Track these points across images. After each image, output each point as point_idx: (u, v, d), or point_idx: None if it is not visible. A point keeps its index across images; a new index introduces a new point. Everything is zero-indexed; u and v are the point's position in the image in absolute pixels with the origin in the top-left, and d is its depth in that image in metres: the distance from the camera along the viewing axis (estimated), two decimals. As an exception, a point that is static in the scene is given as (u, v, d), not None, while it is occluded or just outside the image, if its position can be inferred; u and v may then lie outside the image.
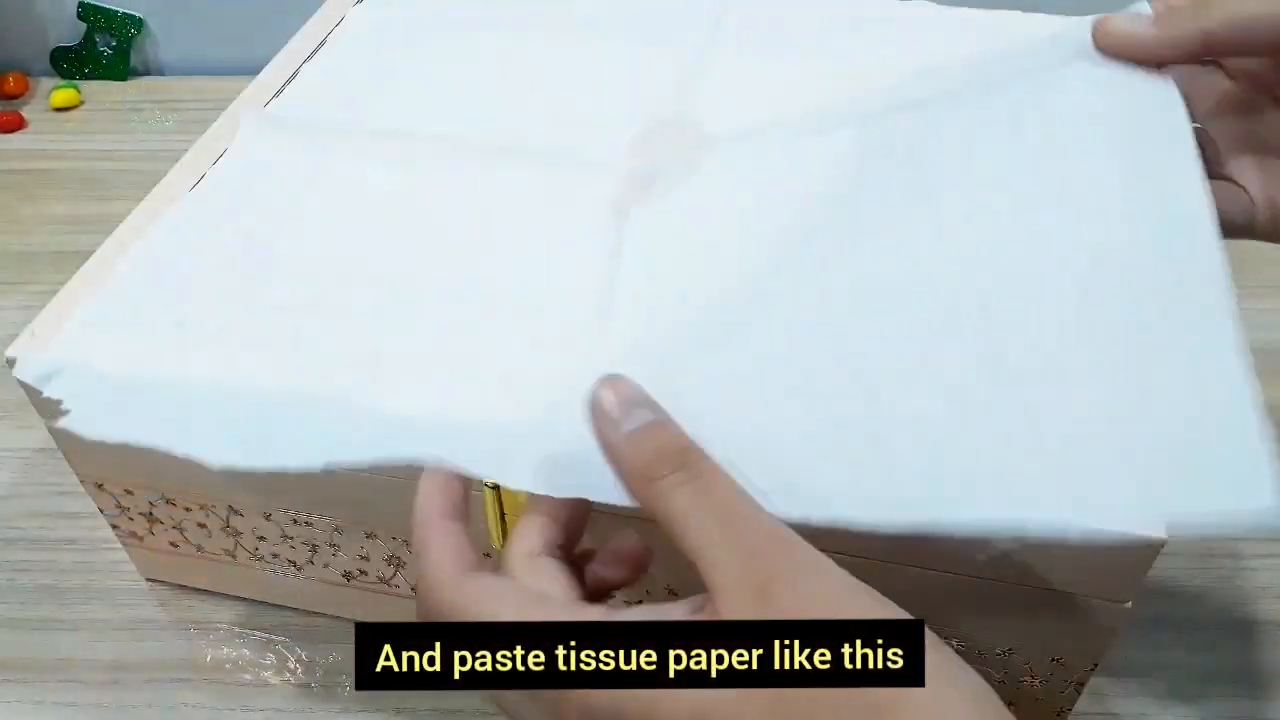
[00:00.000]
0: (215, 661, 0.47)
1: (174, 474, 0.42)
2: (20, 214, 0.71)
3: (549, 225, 0.43)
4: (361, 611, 0.47)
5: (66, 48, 0.83)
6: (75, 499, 0.49)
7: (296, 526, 0.43)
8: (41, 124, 0.79)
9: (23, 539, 0.52)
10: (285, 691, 0.46)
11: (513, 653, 0.26)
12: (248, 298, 0.41)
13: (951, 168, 0.41)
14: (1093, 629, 0.36)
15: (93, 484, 0.44)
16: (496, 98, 0.50)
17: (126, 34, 0.82)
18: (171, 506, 0.44)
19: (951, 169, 0.41)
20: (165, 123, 0.79)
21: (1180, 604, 0.48)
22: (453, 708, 0.45)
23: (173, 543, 0.46)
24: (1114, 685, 0.44)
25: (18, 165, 0.75)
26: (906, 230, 0.38)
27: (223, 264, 0.42)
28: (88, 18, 0.81)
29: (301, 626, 0.48)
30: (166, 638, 0.48)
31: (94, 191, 0.72)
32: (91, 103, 0.81)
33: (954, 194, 0.39)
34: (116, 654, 0.47)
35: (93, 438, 0.35)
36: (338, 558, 0.44)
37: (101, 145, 0.77)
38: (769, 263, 0.39)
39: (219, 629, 0.48)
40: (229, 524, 0.44)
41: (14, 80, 0.81)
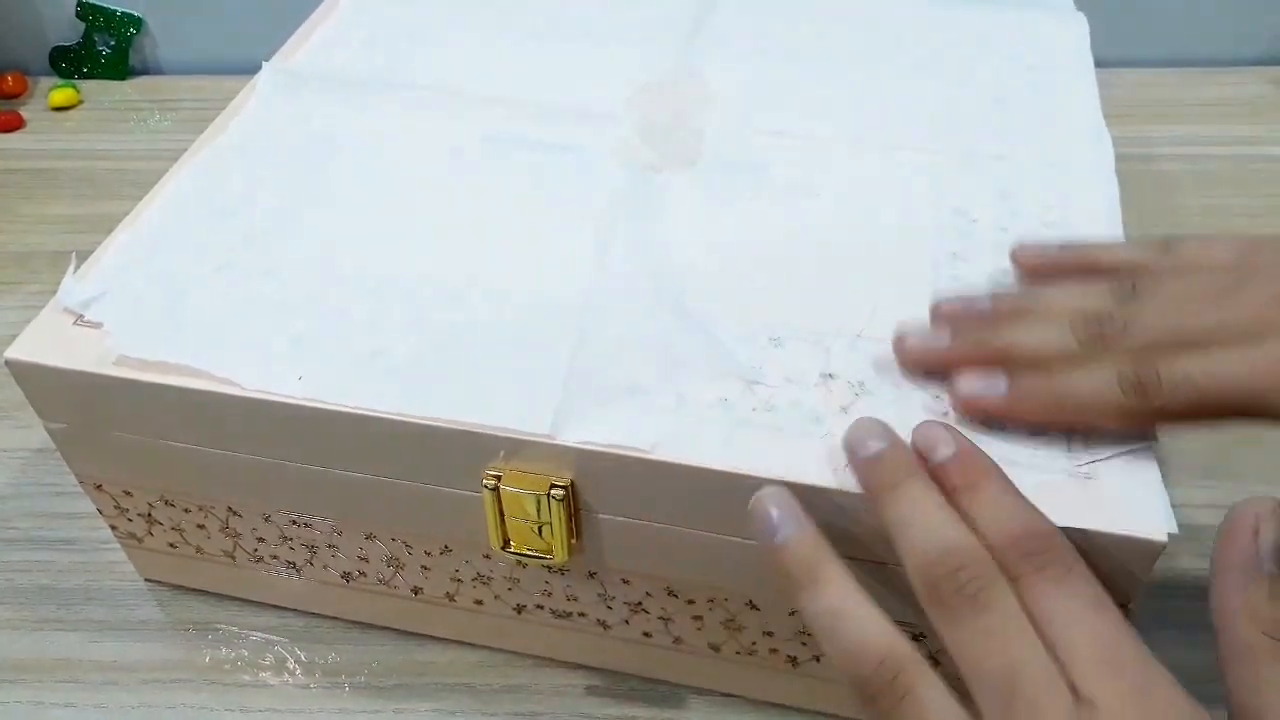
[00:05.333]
0: (214, 662, 0.47)
1: (173, 474, 0.42)
2: (19, 213, 0.71)
3: (555, 178, 0.46)
4: (361, 612, 0.47)
5: (65, 47, 0.83)
6: (74, 499, 0.49)
7: (296, 527, 0.43)
8: (40, 123, 0.79)
9: (22, 539, 0.51)
10: (284, 692, 0.46)
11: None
12: (277, 234, 0.43)
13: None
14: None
15: (91, 485, 0.44)
16: (502, 58, 0.53)
17: (125, 33, 0.82)
18: (170, 507, 0.44)
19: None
20: (164, 122, 0.78)
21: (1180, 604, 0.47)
22: (452, 708, 0.45)
23: (171, 544, 0.46)
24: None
25: (16, 165, 0.75)
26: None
27: (248, 207, 0.44)
28: (86, 17, 0.81)
29: (301, 627, 0.48)
30: (165, 638, 0.48)
31: (93, 191, 0.72)
32: (90, 102, 0.81)
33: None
34: (115, 654, 0.47)
35: (135, 357, 0.38)
36: (337, 558, 0.44)
37: (100, 145, 0.76)
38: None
39: (218, 629, 0.48)
40: (228, 525, 0.44)
41: (13, 80, 0.81)
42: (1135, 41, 0.78)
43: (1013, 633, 0.29)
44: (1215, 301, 0.34)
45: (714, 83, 0.51)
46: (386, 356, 0.38)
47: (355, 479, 0.40)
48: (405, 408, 0.37)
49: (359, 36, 0.55)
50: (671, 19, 0.56)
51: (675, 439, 0.35)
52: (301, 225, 0.44)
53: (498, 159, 0.47)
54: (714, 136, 0.48)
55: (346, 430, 0.37)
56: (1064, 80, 0.51)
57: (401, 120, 0.49)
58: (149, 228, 0.44)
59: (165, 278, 0.41)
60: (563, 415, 0.36)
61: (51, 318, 0.40)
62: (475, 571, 0.43)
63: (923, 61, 0.53)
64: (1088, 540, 0.32)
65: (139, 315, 0.40)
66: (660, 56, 0.53)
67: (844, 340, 0.38)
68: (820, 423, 0.36)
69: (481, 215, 0.44)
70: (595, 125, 0.48)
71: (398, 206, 0.45)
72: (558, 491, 0.37)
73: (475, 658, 0.46)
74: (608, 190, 0.45)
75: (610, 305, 0.40)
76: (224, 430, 0.39)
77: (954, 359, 0.36)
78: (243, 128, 0.49)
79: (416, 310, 0.40)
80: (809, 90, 0.51)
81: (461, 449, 0.37)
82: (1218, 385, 0.32)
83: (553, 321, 0.39)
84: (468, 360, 0.38)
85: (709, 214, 0.44)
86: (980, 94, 0.50)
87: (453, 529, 0.41)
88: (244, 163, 0.47)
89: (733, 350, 0.38)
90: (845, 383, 0.37)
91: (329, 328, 0.39)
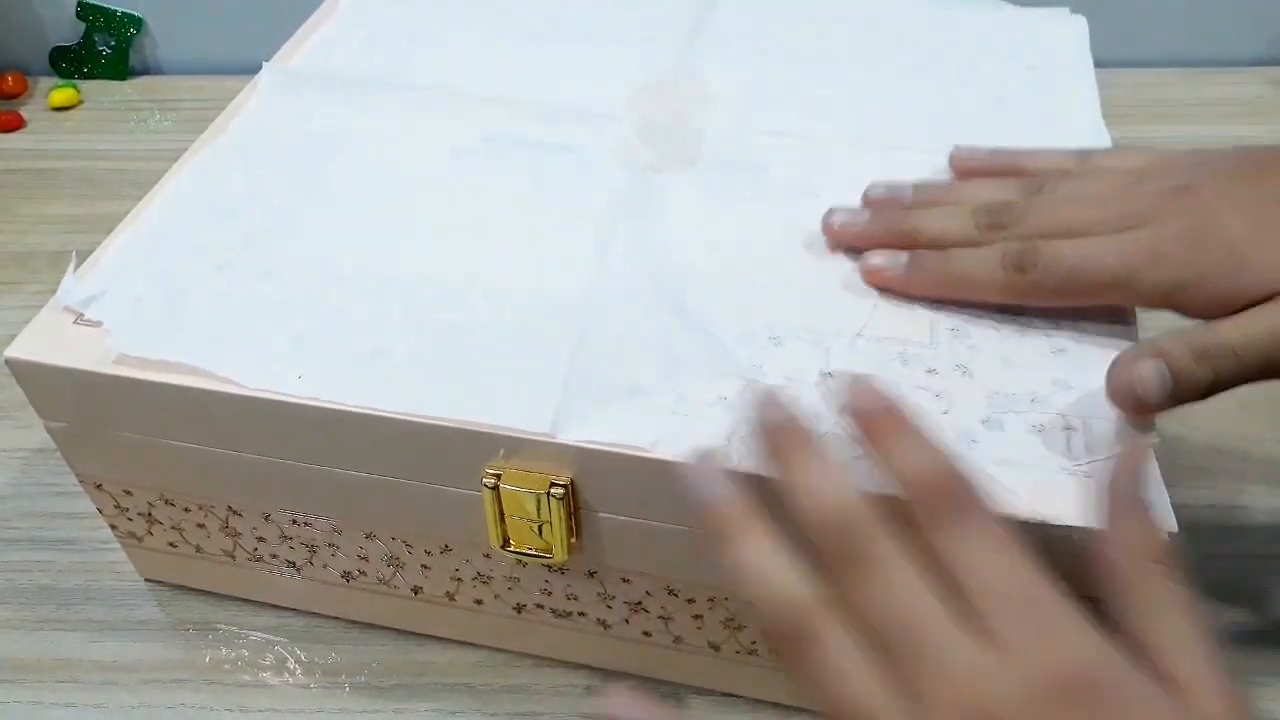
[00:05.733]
0: (214, 662, 0.47)
1: (173, 474, 0.42)
2: (19, 213, 0.71)
3: (555, 178, 0.46)
4: (361, 612, 0.47)
5: (65, 47, 0.83)
6: (74, 499, 0.49)
7: (296, 527, 0.43)
8: (40, 123, 0.79)
9: (22, 539, 0.51)
10: (284, 692, 0.46)
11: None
12: (277, 234, 0.43)
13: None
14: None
15: (91, 484, 0.44)
16: (502, 58, 0.53)
17: (125, 33, 0.82)
18: (170, 507, 0.44)
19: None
20: (164, 122, 0.79)
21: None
22: (452, 708, 0.45)
23: (171, 543, 0.46)
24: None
25: (16, 165, 0.75)
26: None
27: (248, 207, 0.44)
28: (87, 17, 0.81)
29: (301, 627, 0.48)
30: (165, 638, 0.48)
31: (93, 191, 0.72)
32: (90, 102, 0.81)
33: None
34: (115, 654, 0.47)
35: (135, 356, 0.38)
36: (337, 558, 0.44)
37: (100, 145, 0.77)
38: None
39: (218, 629, 0.48)
40: (228, 524, 0.44)
41: (13, 80, 0.81)
42: (1135, 41, 0.78)
43: (910, 586, 0.29)
44: (1108, 198, 0.38)
45: (714, 83, 0.51)
46: (386, 356, 0.38)
47: (355, 479, 0.40)
48: (405, 407, 0.36)
49: (359, 36, 0.55)
50: (671, 19, 0.56)
51: (675, 438, 0.35)
52: (301, 225, 0.44)
53: (498, 159, 0.47)
54: (714, 136, 0.48)
55: (346, 430, 0.37)
56: (1064, 80, 0.51)
57: (401, 120, 0.49)
58: (149, 227, 0.44)
59: (165, 277, 0.41)
60: (563, 414, 0.36)
61: (51, 317, 0.40)
62: (475, 571, 0.43)
63: (923, 61, 0.53)
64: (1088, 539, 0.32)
65: (139, 314, 0.40)
66: (660, 56, 0.53)
67: (844, 340, 0.38)
68: (820, 423, 0.36)
69: (481, 215, 0.44)
70: (595, 125, 0.48)
71: (398, 206, 0.45)
72: (558, 490, 0.37)
73: (475, 658, 0.46)
74: (608, 190, 0.45)
75: (610, 305, 0.40)
76: (224, 430, 0.39)
77: (868, 236, 0.41)
78: (243, 128, 0.49)
79: (416, 310, 0.40)
80: (809, 90, 0.51)
81: (461, 448, 0.37)
82: (1088, 264, 0.36)
83: (553, 321, 0.39)
84: (468, 360, 0.38)
85: (709, 214, 0.44)
86: (980, 94, 0.50)
87: (452, 528, 0.41)
88: (244, 163, 0.47)
89: (733, 350, 0.38)
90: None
91: (329, 327, 0.39)
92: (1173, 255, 0.35)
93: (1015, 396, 0.37)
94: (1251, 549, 0.49)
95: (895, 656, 0.28)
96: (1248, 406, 0.54)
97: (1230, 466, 0.52)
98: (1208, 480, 0.52)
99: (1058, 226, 0.37)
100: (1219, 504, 0.51)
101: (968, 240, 0.39)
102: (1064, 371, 0.37)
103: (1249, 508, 0.51)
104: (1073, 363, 0.38)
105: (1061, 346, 0.38)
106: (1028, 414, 0.36)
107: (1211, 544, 0.50)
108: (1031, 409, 0.36)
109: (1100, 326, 0.38)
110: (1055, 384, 0.37)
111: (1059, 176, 0.40)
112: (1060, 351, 0.38)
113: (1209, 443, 0.53)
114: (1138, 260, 0.35)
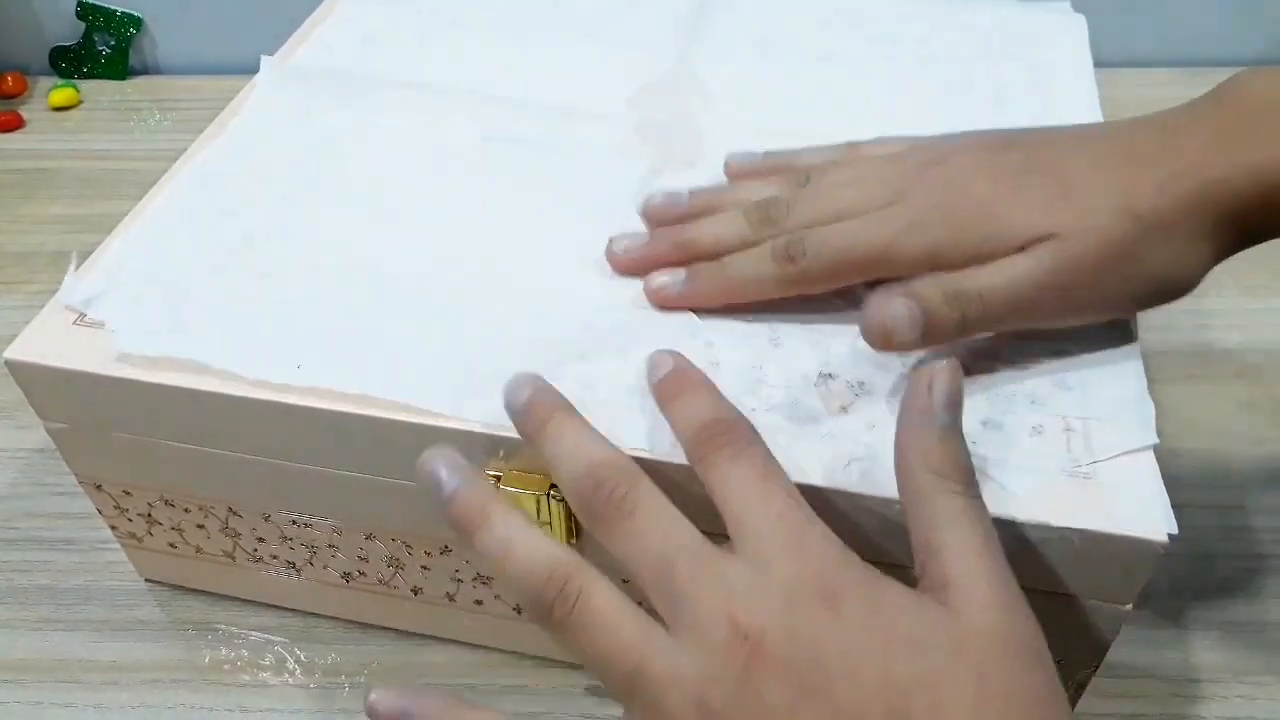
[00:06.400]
0: (214, 662, 0.47)
1: (172, 474, 0.42)
2: (19, 213, 0.71)
3: (556, 178, 0.46)
4: (361, 613, 0.47)
5: (65, 47, 0.83)
6: (74, 499, 0.49)
7: (296, 528, 0.43)
8: (40, 123, 0.79)
9: (22, 539, 0.51)
10: (284, 692, 0.46)
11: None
12: (277, 234, 0.43)
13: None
14: (1094, 631, 0.36)
15: (91, 485, 0.44)
16: (502, 58, 0.53)
17: (125, 33, 0.82)
18: (170, 508, 0.44)
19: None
20: (164, 122, 0.79)
21: (1181, 604, 0.48)
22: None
23: (171, 544, 0.46)
24: (1114, 686, 0.44)
25: (16, 165, 0.75)
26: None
27: (248, 207, 0.44)
28: (86, 17, 0.81)
29: (300, 627, 0.48)
30: (165, 639, 0.48)
31: (93, 191, 0.72)
32: (90, 102, 0.81)
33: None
34: (115, 655, 0.47)
35: (138, 354, 0.38)
36: (337, 559, 0.44)
37: (100, 145, 0.77)
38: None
39: (218, 630, 0.48)
40: (228, 525, 0.44)
41: (12, 80, 0.81)
42: (1135, 41, 0.78)
43: (666, 525, 0.30)
44: (868, 180, 0.39)
45: (714, 83, 0.51)
46: (386, 356, 0.38)
47: (355, 479, 0.40)
48: (405, 407, 0.36)
49: (359, 36, 0.55)
50: (671, 19, 0.56)
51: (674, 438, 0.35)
52: (301, 225, 0.44)
53: (498, 159, 0.47)
54: (714, 136, 0.48)
55: (346, 430, 0.37)
56: (1064, 80, 0.51)
57: (401, 120, 0.49)
58: (149, 227, 0.44)
59: (166, 277, 0.41)
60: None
61: (51, 317, 0.40)
62: (475, 571, 0.43)
63: (922, 60, 0.53)
64: (1088, 540, 0.32)
65: (139, 313, 0.40)
66: (660, 56, 0.53)
67: (844, 340, 0.38)
68: (820, 423, 0.36)
69: (482, 215, 0.44)
70: (596, 125, 0.48)
71: (398, 206, 0.45)
72: (558, 491, 0.37)
73: (475, 658, 0.46)
74: (608, 190, 0.45)
75: (612, 305, 0.40)
76: (224, 430, 0.39)
77: (651, 258, 0.41)
78: (243, 128, 0.49)
79: (416, 310, 0.40)
80: (809, 90, 0.51)
81: (461, 449, 0.37)
82: (850, 244, 0.37)
83: (553, 321, 0.39)
84: (468, 360, 0.38)
85: None
86: (980, 94, 0.50)
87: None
88: (244, 162, 0.47)
89: (732, 350, 0.38)
90: (845, 383, 0.37)
91: (329, 327, 0.39)
92: (929, 222, 0.37)
93: (1015, 397, 0.37)
94: (1251, 549, 0.49)
95: (657, 591, 0.29)
96: (1248, 406, 0.54)
97: (1230, 466, 0.52)
98: (1208, 480, 0.52)
99: (824, 214, 0.38)
100: (1219, 504, 0.51)
101: (744, 241, 0.39)
102: (1064, 372, 0.37)
103: (1249, 508, 0.51)
104: (1072, 364, 0.38)
105: (1061, 347, 0.38)
106: (1027, 415, 0.36)
107: (1211, 544, 0.50)
108: (1031, 410, 0.36)
109: (1100, 328, 0.38)
110: (1055, 385, 0.37)
111: (825, 168, 0.41)
112: (1060, 352, 0.38)
113: (1209, 443, 0.53)
114: (898, 232, 0.37)
